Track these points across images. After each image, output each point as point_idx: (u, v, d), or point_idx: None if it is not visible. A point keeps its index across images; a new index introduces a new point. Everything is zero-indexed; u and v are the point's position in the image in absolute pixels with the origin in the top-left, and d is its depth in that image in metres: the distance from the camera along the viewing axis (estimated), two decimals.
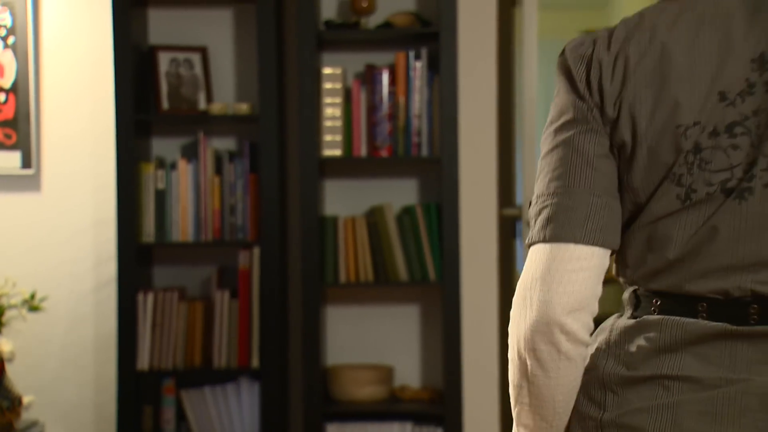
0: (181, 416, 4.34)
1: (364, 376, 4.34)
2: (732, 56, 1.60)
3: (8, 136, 4.47)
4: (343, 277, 4.33)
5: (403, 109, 4.31)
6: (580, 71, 1.69)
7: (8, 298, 4.21)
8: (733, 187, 1.60)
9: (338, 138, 4.33)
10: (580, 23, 9.49)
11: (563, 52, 1.76)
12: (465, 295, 4.37)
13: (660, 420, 1.63)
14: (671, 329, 1.66)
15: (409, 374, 4.52)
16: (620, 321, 1.75)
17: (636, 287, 1.74)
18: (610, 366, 1.71)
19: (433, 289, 4.41)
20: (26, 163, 4.49)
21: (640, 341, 1.69)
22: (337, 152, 4.34)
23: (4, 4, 4.45)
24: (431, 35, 4.32)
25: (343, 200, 4.55)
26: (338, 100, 4.33)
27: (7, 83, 4.47)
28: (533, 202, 1.74)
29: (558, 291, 1.64)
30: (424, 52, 4.32)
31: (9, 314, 4.25)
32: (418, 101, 4.31)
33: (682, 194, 1.64)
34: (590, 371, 1.74)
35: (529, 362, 1.70)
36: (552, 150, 1.72)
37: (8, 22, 4.46)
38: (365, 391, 4.33)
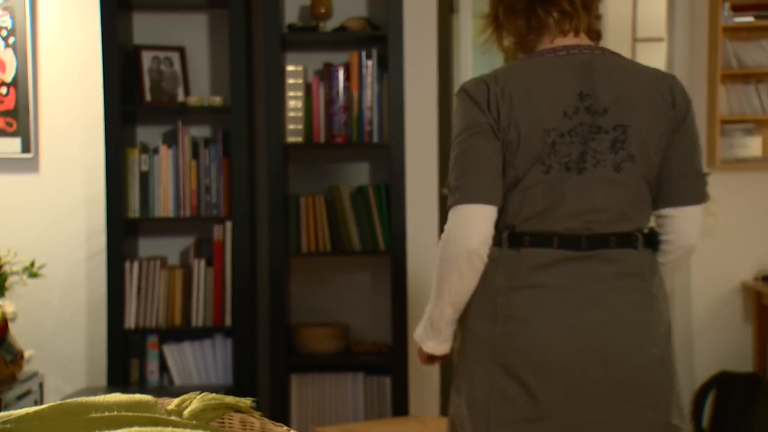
0: (163, 368, 4.35)
1: (323, 333, 4.36)
2: (566, 91, 2.42)
3: (9, 125, 4.45)
4: (304, 248, 4.34)
5: (356, 101, 4.32)
6: (482, 100, 2.43)
7: (10, 266, 4.19)
8: (572, 166, 2.40)
9: (300, 127, 4.33)
10: None
11: (464, 89, 2.50)
12: (410, 264, 4.38)
13: (534, 311, 2.43)
14: (538, 255, 2.44)
15: (362, 331, 4.54)
16: (503, 251, 2.48)
17: (513, 229, 2.46)
18: (499, 279, 2.46)
19: (383, 258, 4.41)
20: (26, 148, 4.47)
21: (518, 263, 2.45)
22: (299, 139, 4.34)
23: (5, 8, 4.43)
24: (381, 38, 4.32)
25: (305, 181, 4.55)
26: (300, 93, 4.32)
27: (8, 78, 4.45)
28: (452, 180, 2.47)
29: (473, 231, 2.42)
30: (374, 52, 4.33)
31: (11, 280, 4.23)
32: (369, 95, 4.31)
33: (544, 170, 2.41)
34: (485, 282, 2.48)
35: (454, 276, 2.46)
36: (464, 148, 2.46)
37: (9, 24, 4.44)
38: (324, 345, 4.34)
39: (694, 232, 2.52)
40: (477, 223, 2.42)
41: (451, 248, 2.43)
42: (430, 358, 2.69)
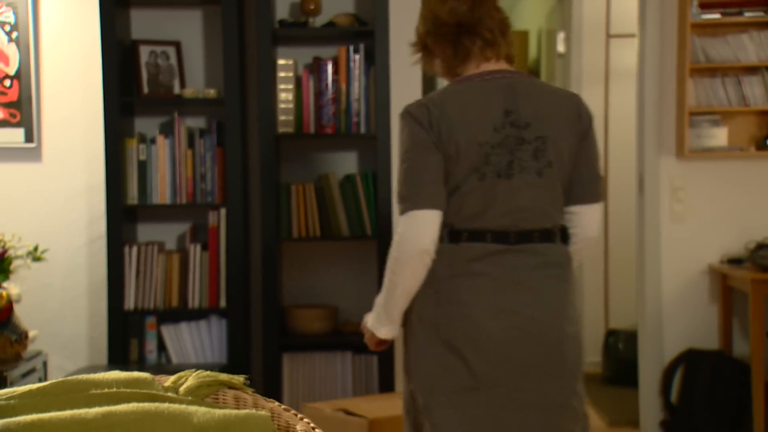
0: (161, 347, 4.35)
1: (313, 314, 4.37)
2: (494, 109, 2.69)
3: (13, 116, 4.44)
4: (295, 233, 4.34)
5: (344, 94, 4.32)
6: (425, 120, 2.68)
7: (15, 251, 4.19)
8: (502, 173, 2.66)
9: (291, 118, 4.33)
10: None
11: (408, 111, 2.73)
12: None
13: (472, 295, 2.68)
14: (474, 249, 2.69)
15: (351, 312, 4.53)
16: (444, 245, 2.70)
17: (452, 227, 2.70)
18: (441, 269, 2.69)
19: (370, 243, 4.42)
20: (29, 138, 4.46)
21: (457, 255, 2.70)
22: (289, 130, 4.34)
23: (8, 5, 4.42)
24: (368, 33, 4.32)
25: (295, 170, 4.55)
26: (290, 86, 4.33)
27: (12, 71, 4.44)
28: (403, 190, 2.71)
29: (424, 233, 2.67)
30: (361, 47, 4.33)
31: (16, 263, 4.23)
32: (357, 87, 4.32)
33: (479, 177, 2.65)
34: (430, 271, 2.70)
35: (407, 272, 2.69)
36: (412, 163, 2.68)
37: (12, 20, 4.43)
38: (314, 326, 4.36)
39: (595, 225, 2.89)
40: (428, 225, 2.68)
41: (407, 248, 2.68)
42: (381, 343, 2.91)
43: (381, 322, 2.85)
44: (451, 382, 2.71)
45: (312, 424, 2.07)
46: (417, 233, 2.68)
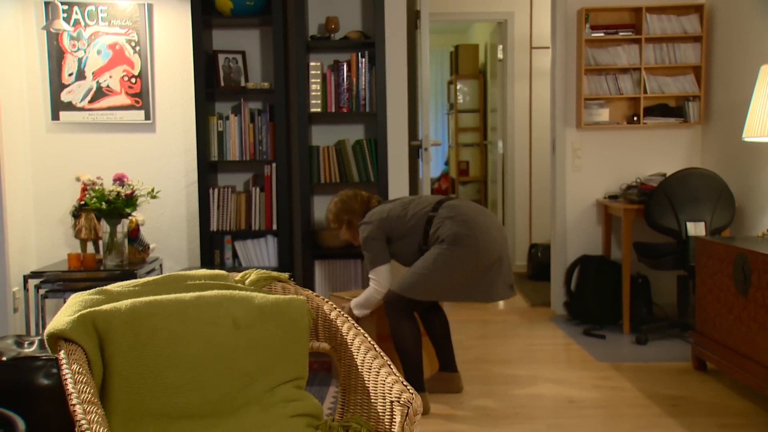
0: (235, 255, 4.26)
1: (334, 233, 4.25)
2: (426, 200, 3.29)
3: (137, 102, 4.31)
4: (323, 179, 4.22)
5: (355, 85, 4.16)
6: (385, 227, 3.28)
7: (139, 192, 4.08)
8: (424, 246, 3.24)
9: (319, 101, 4.18)
10: (452, 41, 9.29)
11: (369, 221, 3.30)
12: (390, 189, 4.28)
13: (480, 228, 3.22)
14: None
15: None
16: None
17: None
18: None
19: (372, 186, 4.30)
20: (147, 117, 4.32)
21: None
22: (318, 110, 4.19)
23: (133, 29, 4.27)
24: (371, 44, 4.16)
25: (322, 136, 4.41)
26: (318, 80, 4.17)
27: (136, 72, 4.31)
28: (371, 258, 3.25)
29: (386, 280, 3.26)
30: (366, 53, 4.17)
31: (141, 200, 4.15)
32: (363, 81, 4.16)
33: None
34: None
35: (374, 301, 3.29)
36: (377, 246, 3.25)
37: (136, 38, 4.29)
38: (335, 242, 4.25)
39: None
40: (388, 273, 3.26)
41: (379, 291, 3.27)
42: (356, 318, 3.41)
43: (361, 311, 3.33)
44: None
45: (333, 305, 2.03)
46: (384, 279, 3.26)
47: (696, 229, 4.14)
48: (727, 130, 4.62)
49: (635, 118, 4.88)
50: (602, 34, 4.81)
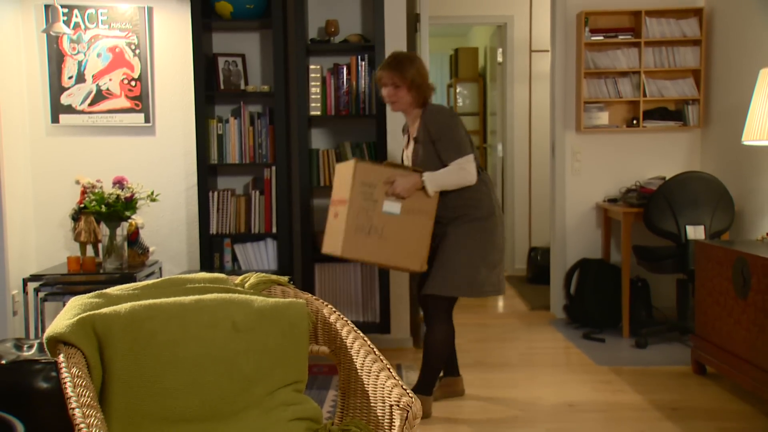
0: (234, 258, 4.25)
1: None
2: None
3: (137, 105, 4.31)
4: (322, 182, 4.22)
5: (354, 88, 4.16)
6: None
7: (139, 195, 4.07)
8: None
9: (318, 105, 4.18)
10: (451, 44, 9.29)
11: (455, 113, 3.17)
12: None
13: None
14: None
15: None
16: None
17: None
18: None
19: None
20: (147, 120, 4.32)
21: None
22: (318, 113, 4.19)
23: (133, 32, 4.28)
24: (370, 47, 4.16)
25: (321, 139, 4.40)
26: (318, 83, 4.17)
27: (136, 75, 4.31)
28: (458, 144, 3.07)
29: (475, 174, 3.09)
30: (366, 56, 4.16)
31: (140, 203, 4.15)
32: (363, 84, 4.15)
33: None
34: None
35: (457, 184, 3.11)
36: (464, 132, 3.12)
37: (136, 41, 4.29)
38: None
39: None
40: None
41: (472, 182, 3.09)
42: (411, 191, 3.08)
43: (432, 186, 3.04)
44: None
45: (333, 308, 2.03)
46: (473, 168, 3.05)
47: (695, 232, 4.15)
48: (727, 134, 4.62)
49: (635, 122, 4.88)
50: (602, 38, 4.82)
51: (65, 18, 4.24)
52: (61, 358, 1.59)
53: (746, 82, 4.37)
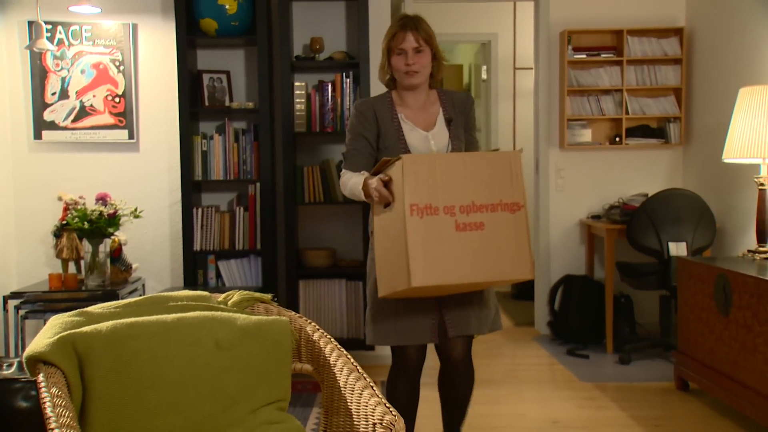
0: (218, 275, 4.23)
1: (319, 254, 4.26)
2: None
3: (121, 121, 4.30)
4: (307, 199, 4.21)
5: (339, 105, 4.17)
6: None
7: (122, 211, 4.05)
8: None
9: (303, 121, 4.19)
10: None
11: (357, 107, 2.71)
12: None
13: None
14: None
15: (345, 252, 4.44)
16: None
17: None
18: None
19: (357, 206, 4.29)
20: (131, 136, 4.31)
21: None
22: (303, 129, 4.20)
23: (117, 48, 4.27)
24: (355, 64, 4.18)
25: (306, 156, 4.40)
26: (303, 100, 4.18)
27: (120, 91, 4.30)
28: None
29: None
30: (351, 73, 4.18)
31: (123, 219, 4.10)
32: (348, 101, 4.17)
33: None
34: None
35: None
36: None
37: (120, 58, 4.29)
38: (320, 262, 4.25)
39: None
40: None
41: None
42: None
43: (356, 195, 2.54)
44: None
45: (316, 326, 2.02)
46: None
47: (678, 249, 4.18)
48: (708, 151, 4.68)
49: (617, 139, 4.93)
50: (584, 56, 4.88)
51: (49, 34, 4.23)
52: (41, 377, 1.57)
53: (726, 100, 4.43)
